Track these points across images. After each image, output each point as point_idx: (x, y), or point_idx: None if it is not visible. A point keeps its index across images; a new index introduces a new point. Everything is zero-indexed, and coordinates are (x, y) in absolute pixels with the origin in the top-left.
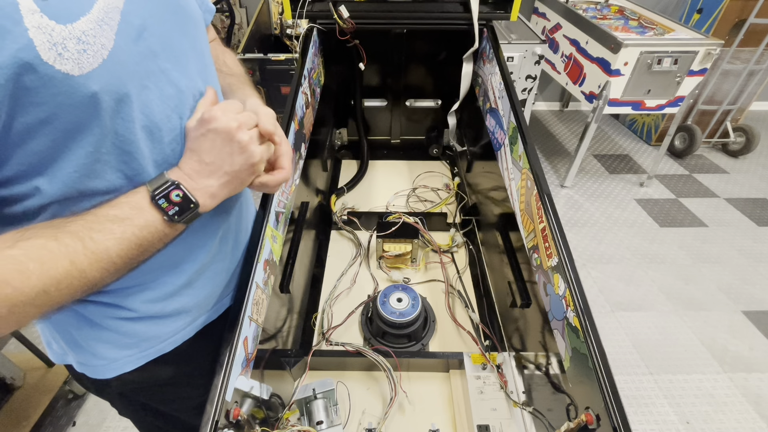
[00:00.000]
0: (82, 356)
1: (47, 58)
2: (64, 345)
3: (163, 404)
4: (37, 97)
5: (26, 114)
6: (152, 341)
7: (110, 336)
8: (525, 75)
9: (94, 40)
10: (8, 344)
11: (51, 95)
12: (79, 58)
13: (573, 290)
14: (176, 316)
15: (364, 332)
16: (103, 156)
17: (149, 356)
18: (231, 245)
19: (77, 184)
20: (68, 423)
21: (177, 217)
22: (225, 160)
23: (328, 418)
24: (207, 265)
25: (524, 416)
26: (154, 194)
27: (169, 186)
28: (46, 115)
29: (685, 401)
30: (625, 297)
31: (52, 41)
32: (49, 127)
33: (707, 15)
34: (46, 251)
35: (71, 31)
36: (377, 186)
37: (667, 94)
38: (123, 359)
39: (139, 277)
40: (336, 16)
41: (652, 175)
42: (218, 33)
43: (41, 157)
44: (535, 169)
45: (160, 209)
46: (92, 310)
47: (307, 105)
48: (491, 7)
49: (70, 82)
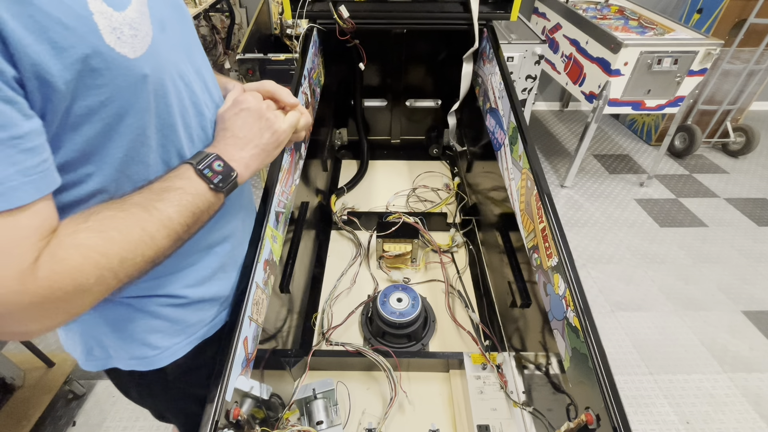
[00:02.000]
0: (137, 350)
1: (109, 41)
2: (111, 344)
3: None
4: (100, 79)
5: (88, 96)
6: (197, 326)
7: (161, 324)
8: (525, 75)
9: (140, 26)
10: (8, 344)
11: (112, 77)
12: (133, 42)
13: (573, 290)
14: (214, 301)
15: (364, 332)
16: (148, 139)
17: (195, 341)
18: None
19: (124, 168)
20: (68, 423)
21: (221, 185)
22: (256, 134)
23: (328, 418)
24: (235, 247)
25: (524, 416)
26: (199, 166)
27: (211, 157)
28: (105, 98)
29: (685, 401)
30: (625, 297)
31: (112, 25)
32: (106, 109)
33: (707, 15)
34: (118, 220)
35: (124, 17)
36: (377, 186)
37: (667, 94)
38: (174, 346)
39: (182, 261)
40: (336, 16)
41: (652, 175)
42: (218, 33)
43: (94, 143)
44: (535, 169)
45: (206, 179)
46: (144, 301)
47: (307, 105)
48: (491, 7)
49: (127, 65)
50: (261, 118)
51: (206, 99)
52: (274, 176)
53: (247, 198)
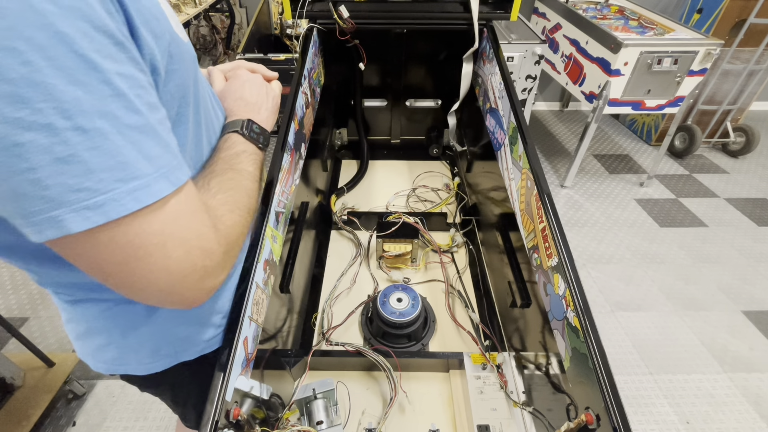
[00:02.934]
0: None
1: (173, 26)
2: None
3: None
4: (175, 63)
5: (170, 81)
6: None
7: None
8: (525, 75)
9: (172, 17)
10: (8, 344)
11: (181, 60)
12: (179, 28)
13: (573, 290)
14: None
15: (364, 332)
16: (199, 120)
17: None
18: None
19: (190, 151)
20: (68, 423)
21: (265, 143)
22: (263, 99)
23: (328, 418)
24: None
25: (524, 416)
26: (244, 131)
27: (247, 123)
28: (180, 81)
29: (685, 401)
30: (625, 297)
31: (169, 13)
32: (179, 92)
33: (707, 15)
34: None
35: (165, 7)
36: (377, 186)
37: (667, 94)
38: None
39: None
40: (336, 16)
41: (652, 175)
42: (218, 33)
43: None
44: (535, 169)
45: (254, 140)
46: None
47: (307, 105)
48: (491, 7)
49: (186, 48)
50: (262, 86)
51: None
52: (274, 176)
53: None
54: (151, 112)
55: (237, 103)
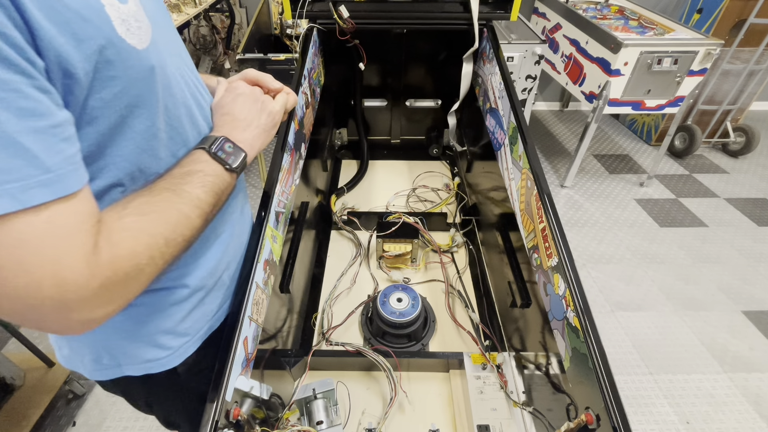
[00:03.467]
0: (149, 352)
1: (120, 32)
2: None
3: None
4: (114, 70)
5: (103, 89)
6: (203, 321)
7: (172, 324)
8: (525, 75)
9: (142, 20)
10: (8, 344)
11: (124, 68)
12: (139, 34)
13: (573, 290)
14: (217, 290)
15: (364, 332)
16: (158, 132)
17: (203, 336)
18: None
19: (138, 162)
20: (68, 423)
21: (234, 166)
22: (255, 116)
23: (328, 418)
24: (235, 237)
25: (524, 416)
26: (212, 149)
27: (221, 140)
28: (119, 89)
29: (685, 401)
30: (625, 297)
31: (121, 17)
32: (119, 101)
33: (707, 15)
34: (154, 204)
35: (128, 10)
36: (377, 186)
37: (667, 94)
38: (184, 345)
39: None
40: (336, 16)
41: (652, 175)
42: (218, 33)
43: (108, 136)
44: (535, 169)
45: (221, 160)
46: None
47: (307, 105)
48: (491, 7)
49: (137, 55)
50: (257, 101)
51: (203, 92)
52: (274, 176)
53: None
54: (22, 118)
55: (223, 118)
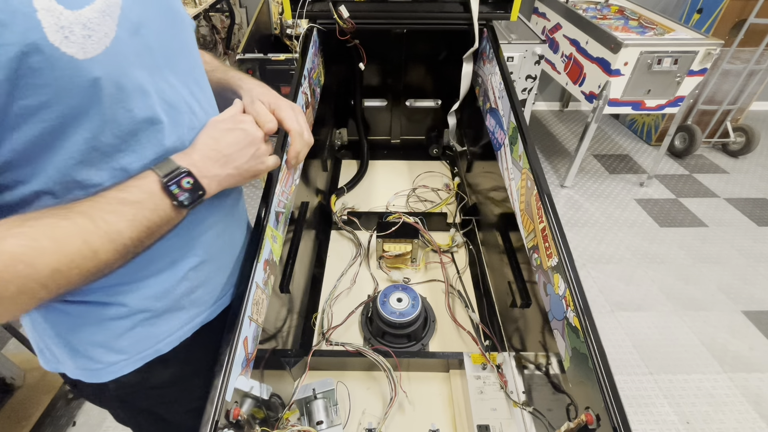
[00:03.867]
0: (79, 361)
1: (53, 39)
2: (57, 352)
3: (163, 407)
4: (41, 78)
5: (28, 96)
6: (148, 341)
7: (105, 338)
8: (525, 75)
9: (98, 27)
10: (8, 344)
11: (54, 78)
12: (84, 42)
13: (573, 290)
14: (172, 314)
15: (364, 332)
16: (101, 146)
17: (147, 357)
18: (228, 243)
19: (73, 172)
20: (68, 423)
21: (186, 203)
22: (241, 158)
23: (328, 418)
24: (205, 261)
25: (524, 416)
26: (166, 181)
27: (182, 173)
28: (47, 98)
29: (685, 401)
30: (625, 297)
31: (60, 24)
32: (49, 111)
33: (707, 15)
34: (58, 229)
35: (77, 17)
36: (377, 186)
37: (667, 94)
38: (121, 362)
39: (138, 272)
40: (336, 16)
41: (652, 175)
42: (218, 33)
43: (37, 143)
44: (535, 169)
45: (171, 195)
46: (87, 310)
47: (307, 105)
48: (491, 7)
49: (73, 66)
50: (253, 145)
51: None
52: (274, 176)
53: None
54: None
55: (207, 142)
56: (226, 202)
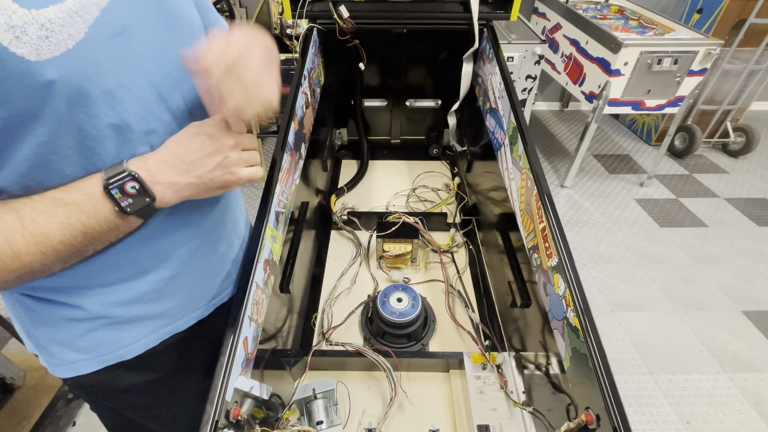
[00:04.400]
0: (42, 353)
1: (2, 39)
2: (26, 341)
3: (130, 411)
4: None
5: None
6: (110, 346)
7: (65, 337)
8: (525, 75)
9: (61, 29)
10: (8, 344)
11: (1, 77)
12: (39, 44)
13: (573, 290)
14: (137, 322)
15: (364, 332)
16: (60, 149)
17: (107, 361)
18: (207, 258)
19: (31, 174)
20: (68, 423)
21: (129, 210)
22: (205, 166)
23: (328, 418)
24: (178, 275)
25: (524, 416)
26: (108, 183)
27: (125, 176)
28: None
29: (685, 401)
30: (625, 297)
31: (10, 23)
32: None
33: (707, 15)
34: None
35: (35, 16)
36: (377, 186)
37: (667, 94)
38: (79, 362)
39: (99, 277)
40: (336, 16)
41: (652, 175)
42: None
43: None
44: (535, 169)
45: (113, 199)
46: (47, 308)
47: (307, 105)
48: (491, 7)
49: (23, 67)
50: (220, 153)
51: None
52: (274, 176)
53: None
54: None
55: (168, 146)
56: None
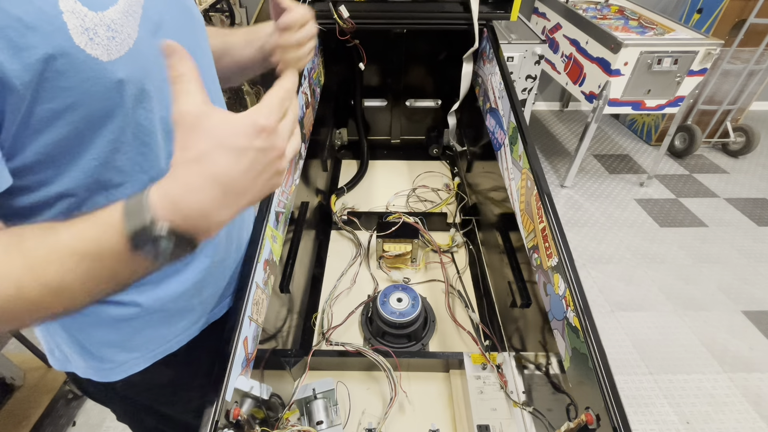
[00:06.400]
0: (89, 361)
1: (79, 42)
2: (67, 351)
3: (166, 405)
4: (66, 81)
5: (53, 99)
6: (159, 341)
7: (118, 337)
8: (525, 75)
9: (122, 29)
10: (8, 344)
11: (80, 80)
12: (108, 44)
13: (573, 290)
14: (183, 314)
15: (364, 332)
16: (123, 146)
17: (157, 356)
18: (235, 244)
19: (97, 174)
20: (68, 423)
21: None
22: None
23: (328, 418)
24: (214, 263)
25: (524, 416)
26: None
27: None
28: (72, 101)
29: (685, 401)
30: (625, 297)
31: (84, 26)
32: (74, 113)
33: (707, 15)
34: None
35: (102, 18)
36: (377, 186)
37: (667, 94)
38: (131, 361)
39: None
40: (336, 16)
41: (652, 175)
42: None
43: (61, 146)
44: (535, 169)
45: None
46: (100, 309)
47: (307, 105)
48: (491, 7)
49: (98, 67)
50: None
51: None
52: None
53: None
54: None
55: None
56: None
